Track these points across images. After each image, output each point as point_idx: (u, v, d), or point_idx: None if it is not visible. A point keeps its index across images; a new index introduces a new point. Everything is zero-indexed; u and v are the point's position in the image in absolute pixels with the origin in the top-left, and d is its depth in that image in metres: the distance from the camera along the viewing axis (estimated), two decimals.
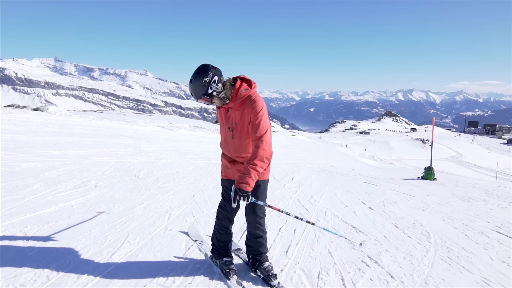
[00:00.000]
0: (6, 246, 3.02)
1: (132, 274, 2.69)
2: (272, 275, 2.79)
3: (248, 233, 2.94)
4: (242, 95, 2.66)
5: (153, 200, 4.91)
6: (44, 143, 9.73)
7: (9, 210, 3.91)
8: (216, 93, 2.61)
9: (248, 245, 2.97)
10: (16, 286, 2.40)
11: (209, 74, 2.55)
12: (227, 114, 2.77)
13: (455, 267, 3.34)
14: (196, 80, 2.55)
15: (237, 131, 2.73)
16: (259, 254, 2.92)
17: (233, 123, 2.74)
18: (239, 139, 2.75)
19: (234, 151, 2.80)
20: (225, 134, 2.85)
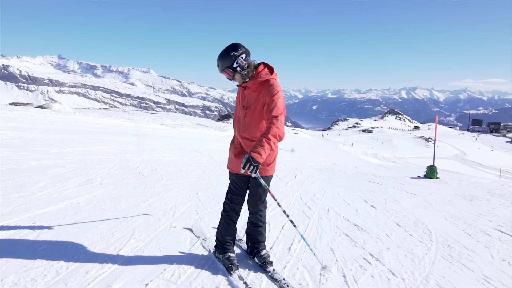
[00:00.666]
0: (16, 241, 3.09)
1: (138, 270, 2.75)
2: (268, 262, 2.99)
3: (249, 222, 3.15)
4: (262, 77, 2.81)
5: (157, 198, 4.98)
6: (49, 140, 9.82)
7: (17, 206, 3.98)
8: (240, 69, 2.80)
9: (248, 233, 3.18)
10: (27, 280, 2.47)
11: (239, 50, 2.76)
12: (244, 92, 2.93)
13: (456, 265, 3.38)
14: (226, 53, 2.76)
15: (250, 110, 2.86)
16: (258, 243, 3.13)
17: (248, 102, 2.88)
18: (250, 118, 2.87)
19: (244, 130, 2.91)
20: (239, 113, 2.99)
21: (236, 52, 2.75)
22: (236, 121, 3.04)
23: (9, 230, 3.32)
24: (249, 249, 3.21)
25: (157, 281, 2.61)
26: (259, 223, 3.10)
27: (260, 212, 3.08)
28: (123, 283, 2.54)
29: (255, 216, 3.08)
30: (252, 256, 3.16)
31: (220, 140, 21.19)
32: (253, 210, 3.07)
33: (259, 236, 3.13)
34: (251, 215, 3.12)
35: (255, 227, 3.11)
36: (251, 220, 3.13)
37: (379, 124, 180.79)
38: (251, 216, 3.12)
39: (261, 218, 3.10)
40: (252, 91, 2.86)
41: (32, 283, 2.46)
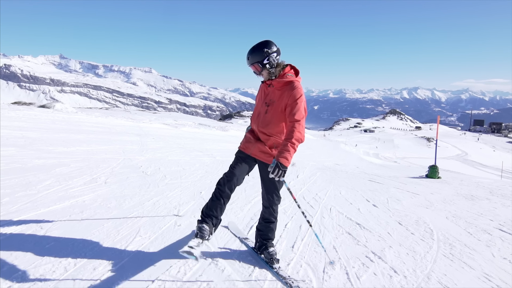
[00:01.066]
0: (24, 239, 3.14)
1: (145, 266, 2.81)
2: (275, 259, 3.05)
3: (262, 217, 3.21)
4: (287, 78, 2.93)
5: (161, 196, 5.03)
6: (53, 140, 9.88)
7: (24, 204, 4.04)
8: (269, 66, 2.92)
9: (259, 229, 3.23)
10: (37, 276, 2.53)
11: (272, 47, 2.90)
12: (267, 89, 3.05)
13: (457, 263, 3.43)
14: (259, 48, 2.88)
15: (272, 107, 2.98)
16: (267, 239, 3.18)
17: (270, 99, 3.00)
18: (271, 116, 2.98)
19: (263, 125, 3.03)
20: (259, 109, 3.10)
21: (269, 50, 2.88)
22: (256, 116, 3.13)
23: (17, 227, 3.38)
24: (257, 245, 3.24)
25: (163, 277, 2.66)
26: (271, 219, 3.16)
27: (274, 207, 3.13)
28: (130, 280, 2.59)
29: (269, 210, 3.14)
30: (259, 253, 3.20)
31: (222, 140, 21.25)
32: (267, 204, 3.13)
33: (270, 232, 3.19)
34: (264, 209, 3.17)
35: (267, 223, 3.17)
36: (263, 215, 3.19)
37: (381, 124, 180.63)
38: (264, 211, 3.18)
39: (274, 213, 3.15)
40: (276, 89, 2.98)
41: (41, 279, 2.51)
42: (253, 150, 3.07)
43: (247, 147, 3.11)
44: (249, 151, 3.09)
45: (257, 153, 3.06)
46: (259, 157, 3.06)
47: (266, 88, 3.07)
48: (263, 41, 2.93)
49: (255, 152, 3.07)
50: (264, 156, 3.04)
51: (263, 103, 3.06)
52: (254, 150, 3.07)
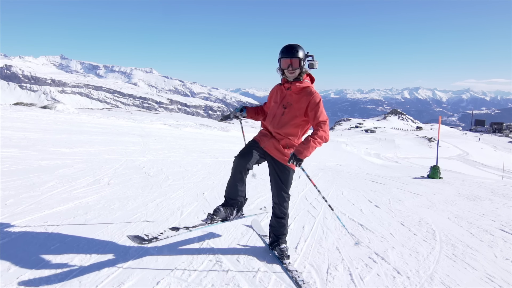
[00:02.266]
0: (29, 240, 3.16)
1: (149, 268, 2.83)
2: (285, 255, 3.17)
3: (273, 214, 3.32)
4: (304, 83, 3.12)
5: (164, 197, 5.05)
6: (56, 141, 9.91)
7: (28, 206, 4.06)
8: (303, 67, 3.09)
9: (272, 225, 3.36)
10: (42, 278, 2.55)
11: (308, 54, 3.11)
12: (284, 92, 3.17)
13: (460, 264, 3.44)
14: (303, 49, 3.07)
15: (289, 110, 3.12)
16: (280, 235, 3.30)
17: (288, 102, 3.13)
18: (288, 118, 3.12)
19: (279, 126, 3.15)
20: (275, 110, 3.20)
21: (308, 54, 3.10)
22: (271, 117, 3.23)
23: (21, 229, 3.40)
24: (270, 240, 3.39)
25: (168, 279, 2.68)
26: (281, 215, 3.27)
27: (284, 203, 3.24)
28: (135, 281, 2.61)
29: (278, 207, 3.24)
30: (271, 248, 3.34)
31: (223, 140, 21.26)
32: (277, 201, 3.24)
33: (282, 228, 3.30)
34: (274, 205, 3.28)
35: (278, 219, 3.28)
36: (274, 211, 3.30)
37: (382, 124, 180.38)
38: (274, 207, 3.29)
39: (284, 209, 3.26)
40: (294, 92, 3.12)
41: (47, 280, 2.53)
42: (267, 144, 3.20)
43: (262, 140, 3.23)
44: (263, 143, 3.21)
45: (270, 149, 3.19)
46: (271, 153, 3.19)
47: (282, 91, 3.20)
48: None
49: (269, 147, 3.19)
50: (277, 153, 3.18)
51: (280, 105, 3.17)
52: (268, 145, 3.19)
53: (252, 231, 3.93)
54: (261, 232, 3.85)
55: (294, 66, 3.05)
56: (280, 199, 3.22)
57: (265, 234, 3.77)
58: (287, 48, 3.04)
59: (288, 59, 3.03)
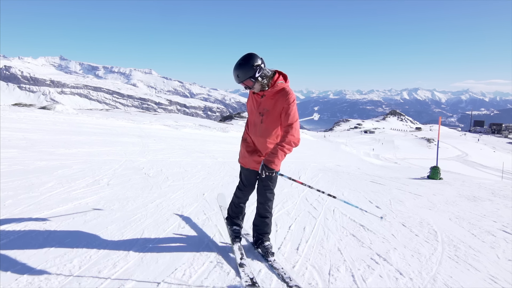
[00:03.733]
0: (28, 241, 3.13)
1: (150, 269, 2.80)
2: (270, 252, 3.21)
3: (257, 213, 3.35)
4: (278, 86, 3.01)
5: (164, 198, 5.02)
6: (55, 141, 9.87)
7: (27, 207, 4.02)
8: (261, 79, 2.95)
9: (255, 224, 3.39)
10: (41, 279, 2.51)
11: (258, 60, 2.90)
12: (259, 100, 3.11)
13: (462, 265, 3.41)
14: (246, 63, 2.87)
15: (267, 117, 3.09)
16: (263, 233, 3.34)
17: (264, 109, 3.09)
18: (266, 124, 3.11)
19: (261, 134, 3.16)
20: (254, 119, 3.19)
21: (256, 62, 2.88)
22: (252, 126, 3.23)
23: (20, 230, 3.37)
24: (254, 239, 3.42)
25: (169, 280, 2.65)
26: (266, 214, 3.31)
27: (268, 203, 3.29)
28: (136, 282, 2.58)
29: (263, 206, 3.29)
30: (256, 247, 3.36)
31: (223, 141, 21.22)
32: (263, 200, 3.28)
33: (266, 227, 3.35)
34: (259, 205, 3.32)
35: (263, 218, 3.32)
36: (259, 211, 3.33)
37: (381, 125, 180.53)
38: (259, 207, 3.32)
39: (269, 209, 3.31)
40: (268, 98, 3.06)
41: (46, 282, 2.50)
42: (250, 164, 3.25)
43: (246, 162, 3.30)
44: (247, 165, 3.28)
45: (255, 166, 3.22)
46: (256, 168, 3.22)
47: (257, 98, 3.13)
48: (247, 55, 2.91)
49: (253, 165, 3.24)
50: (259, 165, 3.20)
51: (257, 113, 3.15)
52: (251, 164, 3.24)
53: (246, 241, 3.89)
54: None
55: (247, 86, 3.00)
56: (266, 199, 3.27)
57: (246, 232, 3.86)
58: (233, 75, 2.95)
59: (241, 84, 2.98)
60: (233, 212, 3.52)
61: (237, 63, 2.91)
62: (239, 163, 3.41)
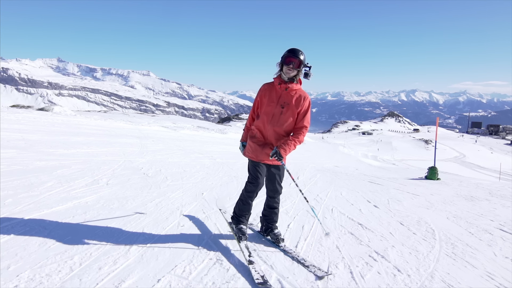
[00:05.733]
0: (28, 239, 3.14)
1: (150, 266, 2.82)
2: (280, 239, 3.54)
3: (266, 205, 3.65)
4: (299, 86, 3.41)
5: (164, 198, 5.04)
6: (53, 142, 9.88)
7: (27, 206, 4.04)
8: (300, 69, 3.30)
9: (264, 215, 3.68)
10: (43, 276, 2.53)
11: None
12: (281, 92, 3.37)
13: (459, 262, 3.44)
14: (305, 56, 3.29)
15: (287, 109, 3.36)
16: (272, 222, 3.64)
17: (284, 102, 3.36)
18: (286, 116, 3.37)
19: (279, 124, 3.39)
20: (273, 110, 3.39)
21: (307, 64, 3.35)
22: (269, 116, 3.40)
23: (20, 228, 3.38)
24: (264, 228, 3.71)
25: (169, 277, 2.67)
26: (275, 205, 3.61)
27: (278, 196, 3.60)
28: (136, 279, 2.60)
29: (273, 199, 3.59)
30: (266, 235, 3.67)
31: (221, 142, 21.24)
32: (272, 195, 3.58)
33: (275, 216, 3.64)
34: (269, 198, 3.61)
35: (272, 209, 3.62)
36: (268, 203, 3.63)
37: (379, 127, 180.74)
38: (269, 200, 3.62)
39: (278, 201, 3.62)
40: (290, 93, 3.35)
41: (47, 278, 2.51)
42: (261, 156, 3.43)
43: (256, 156, 3.45)
44: (258, 158, 3.44)
45: (266, 157, 3.42)
46: (267, 161, 3.45)
47: (277, 90, 3.38)
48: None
49: (263, 157, 3.43)
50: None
51: (278, 104, 3.37)
52: (262, 156, 3.43)
53: (251, 231, 3.95)
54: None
55: (295, 65, 3.26)
56: (276, 193, 3.57)
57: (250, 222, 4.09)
58: (294, 49, 3.27)
59: (293, 58, 3.24)
60: (240, 210, 3.57)
61: (301, 50, 3.28)
62: (247, 157, 3.55)
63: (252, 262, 2.95)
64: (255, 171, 3.46)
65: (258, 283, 2.63)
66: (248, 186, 3.50)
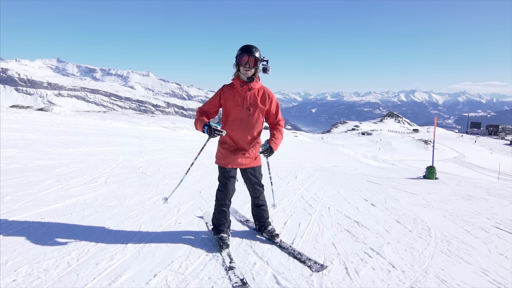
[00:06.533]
0: (26, 236, 3.17)
1: (147, 262, 2.84)
2: (275, 235, 3.57)
3: (253, 204, 3.65)
4: (260, 83, 3.36)
5: (161, 196, 5.06)
6: (52, 141, 9.90)
7: (25, 203, 4.07)
8: (257, 66, 3.23)
9: (254, 214, 3.69)
10: (40, 271, 2.56)
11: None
12: (244, 94, 3.29)
13: (454, 259, 3.47)
14: (259, 51, 3.23)
15: (254, 110, 3.32)
16: (263, 220, 3.66)
17: (250, 104, 3.30)
18: (255, 118, 3.35)
19: (249, 127, 3.35)
20: (241, 115, 3.32)
21: (264, 58, 3.28)
22: (237, 121, 3.33)
23: (18, 224, 3.41)
24: (257, 227, 3.73)
25: (165, 272, 2.70)
26: (261, 203, 3.62)
27: (261, 195, 3.59)
28: (133, 274, 2.63)
29: (258, 199, 3.59)
30: (261, 233, 3.69)
31: None
32: (254, 195, 3.58)
33: (264, 214, 3.65)
34: (254, 199, 3.61)
35: (259, 207, 3.62)
36: (254, 202, 3.63)
37: (378, 127, 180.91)
38: (253, 200, 3.62)
39: (262, 199, 3.62)
40: (254, 93, 3.31)
41: (45, 273, 2.54)
42: (234, 163, 3.35)
43: (228, 162, 3.36)
44: (230, 165, 3.35)
45: (239, 164, 3.37)
46: (244, 165, 3.41)
47: (240, 93, 3.30)
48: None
49: (236, 164, 3.36)
50: (248, 161, 3.41)
51: (243, 108, 3.30)
52: (235, 163, 3.35)
53: (247, 227, 3.99)
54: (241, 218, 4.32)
55: (251, 64, 3.18)
56: (257, 193, 3.56)
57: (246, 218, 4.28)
58: (247, 46, 3.19)
59: (247, 57, 3.17)
60: (217, 219, 3.45)
61: (253, 45, 3.21)
62: (217, 164, 3.45)
63: (232, 268, 2.88)
64: (223, 178, 3.40)
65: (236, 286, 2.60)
66: (218, 194, 3.43)
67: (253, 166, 3.45)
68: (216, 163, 3.47)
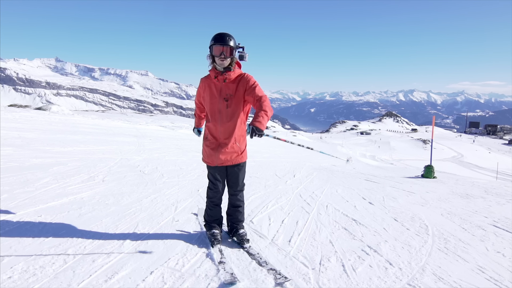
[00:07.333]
0: (23, 232, 3.17)
1: (144, 259, 2.84)
2: (245, 239, 3.35)
3: (230, 204, 3.50)
4: (237, 71, 3.19)
5: (159, 194, 5.06)
6: (50, 140, 9.89)
7: (22, 201, 4.06)
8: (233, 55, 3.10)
9: (229, 214, 3.53)
10: (36, 268, 2.55)
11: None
12: (220, 85, 3.16)
13: (451, 256, 3.47)
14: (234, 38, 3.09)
15: (231, 101, 3.16)
16: (237, 222, 3.49)
17: (227, 94, 3.15)
18: (232, 109, 3.17)
19: (227, 119, 3.19)
20: (218, 106, 3.19)
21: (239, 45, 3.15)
22: (216, 114, 3.21)
23: (15, 222, 3.41)
24: (229, 228, 3.55)
25: (162, 269, 2.69)
26: (238, 203, 3.47)
27: (240, 193, 3.46)
28: (129, 271, 2.62)
29: (235, 197, 3.45)
30: (231, 235, 3.49)
31: None
32: (234, 192, 3.43)
33: (239, 215, 3.50)
34: (231, 196, 3.47)
35: (235, 207, 3.48)
36: (231, 201, 3.48)
37: (377, 127, 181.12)
38: (231, 198, 3.47)
39: (241, 198, 3.48)
40: (230, 83, 3.15)
41: (41, 270, 2.54)
42: (218, 161, 3.24)
43: (212, 160, 3.28)
44: (214, 163, 3.27)
45: (222, 162, 3.25)
46: (228, 162, 3.28)
47: (216, 84, 3.18)
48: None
49: (219, 162, 3.25)
50: (228, 157, 3.26)
51: (221, 99, 3.17)
52: (218, 160, 3.24)
53: None
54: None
55: (226, 54, 3.04)
56: (237, 191, 3.43)
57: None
58: (220, 35, 3.04)
59: (221, 47, 3.03)
60: (209, 216, 3.45)
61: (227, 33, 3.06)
62: (204, 162, 3.40)
63: (222, 263, 2.88)
64: (212, 177, 3.36)
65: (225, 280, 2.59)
66: (209, 191, 3.42)
67: (237, 163, 3.31)
68: (203, 160, 3.42)
